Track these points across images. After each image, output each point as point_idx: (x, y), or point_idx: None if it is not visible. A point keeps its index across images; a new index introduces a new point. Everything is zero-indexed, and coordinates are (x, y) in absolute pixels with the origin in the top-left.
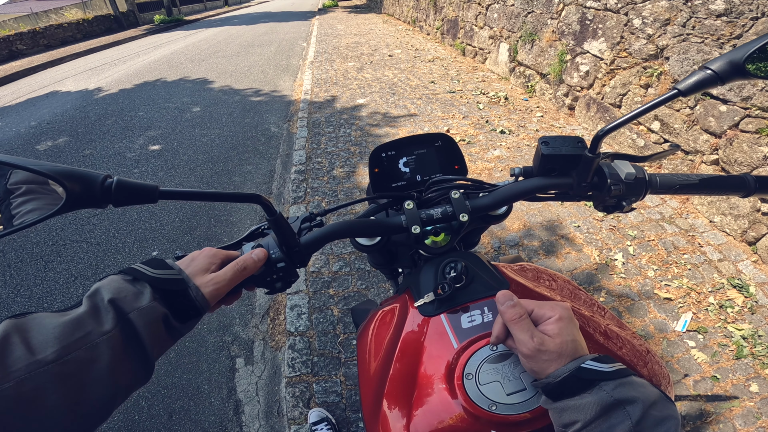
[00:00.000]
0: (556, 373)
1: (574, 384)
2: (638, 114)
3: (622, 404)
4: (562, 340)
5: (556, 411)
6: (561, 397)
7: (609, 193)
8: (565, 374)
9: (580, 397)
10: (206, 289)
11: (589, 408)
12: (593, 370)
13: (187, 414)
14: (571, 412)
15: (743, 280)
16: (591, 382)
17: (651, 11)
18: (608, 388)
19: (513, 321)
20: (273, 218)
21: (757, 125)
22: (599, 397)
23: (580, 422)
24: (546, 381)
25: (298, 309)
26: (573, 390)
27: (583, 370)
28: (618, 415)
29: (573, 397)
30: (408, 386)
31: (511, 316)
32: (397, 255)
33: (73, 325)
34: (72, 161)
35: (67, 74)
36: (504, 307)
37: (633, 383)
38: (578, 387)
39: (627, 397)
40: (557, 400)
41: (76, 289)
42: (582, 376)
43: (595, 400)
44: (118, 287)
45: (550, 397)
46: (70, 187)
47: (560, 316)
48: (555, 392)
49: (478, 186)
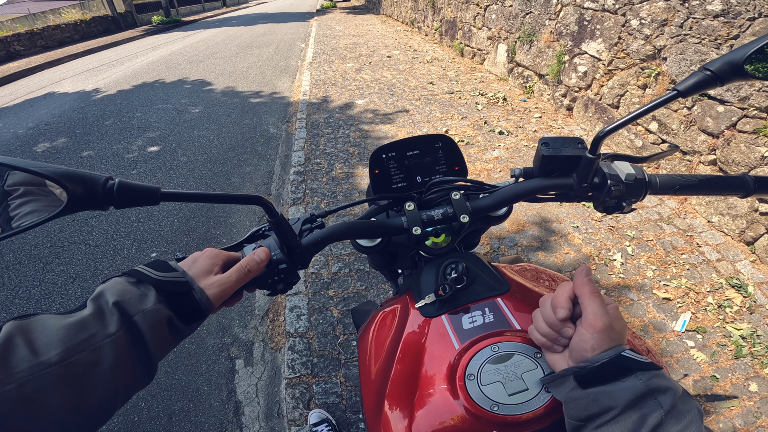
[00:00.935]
0: (595, 358)
1: (612, 370)
2: (638, 115)
3: (654, 394)
4: (622, 323)
5: (585, 400)
6: (593, 384)
7: (609, 194)
8: (605, 360)
9: (614, 384)
10: (211, 291)
11: (624, 394)
12: (633, 359)
13: (187, 415)
14: (605, 398)
15: (742, 280)
16: (628, 370)
17: (648, 12)
18: (644, 377)
19: (594, 294)
20: (275, 220)
21: (754, 125)
22: (634, 385)
23: (615, 409)
24: (583, 365)
25: (298, 310)
26: (610, 377)
27: (623, 357)
28: (651, 404)
29: (607, 384)
30: (409, 387)
31: (592, 290)
32: (397, 256)
33: (77, 328)
34: (70, 163)
35: (65, 75)
36: (585, 279)
37: (663, 376)
38: (615, 374)
39: (660, 386)
40: (587, 387)
41: (74, 290)
42: (622, 363)
43: (630, 387)
44: (123, 289)
45: (581, 384)
46: (72, 189)
47: (615, 304)
48: (588, 378)
49: (479, 187)
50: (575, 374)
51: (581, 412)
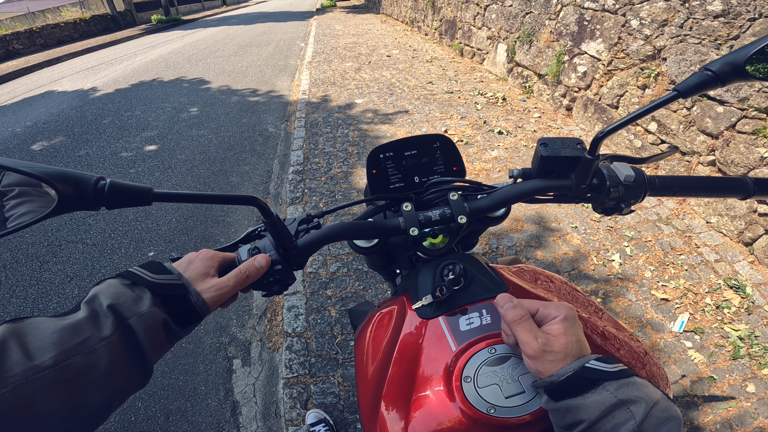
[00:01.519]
0: (560, 372)
1: (577, 383)
2: (638, 116)
3: (625, 404)
4: (567, 339)
5: (559, 411)
6: (563, 396)
7: (608, 195)
8: (569, 373)
9: (584, 396)
10: (207, 295)
11: (593, 408)
12: (597, 369)
13: (184, 415)
14: (575, 411)
15: (740, 281)
16: (594, 382)
17: (649, 12)
18: (612, 388)
19: (515, 322)
20: (270, 221)
21: (753, 126)
22: (603, 397)
23: (585, 422)
24: (549, 380)
25: (296, 310)
26: (576, 389)
27: (587, 369)
28: (622, 414)
29: (576, 397)
30: (406, 389)
31: (513, 318)
32: (394, 256)
33: (71, 331)
34: (68, 161)
35: (64, 74)
36: (504, 309)
37: (635, 383)
38: (582, 386)
39: (630, 397)
40: (559, 400)
41: (71, 289)
42: (586, 376)
43: (599, 400)
44: (117, 292)
45: (552, 396)
46: (62, 190)
47: (565, 315)
48: (557, 392)
49: (477, 187)
50: (545, 388)
51: (560, 422)
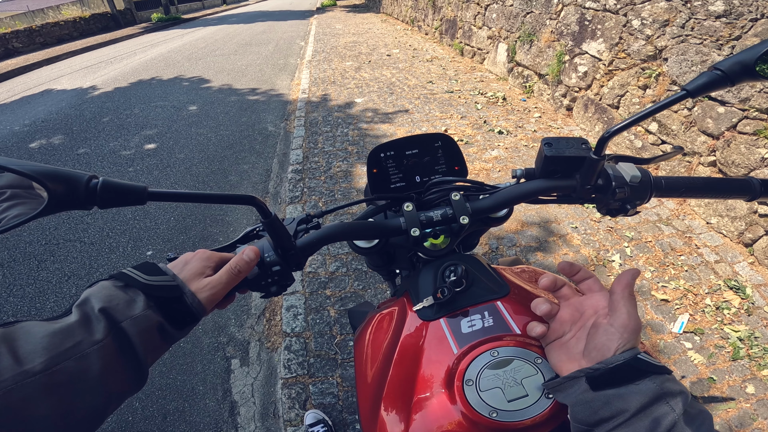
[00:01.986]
0: (610, 360)
1: (627, 373)
2: (645, 115)
3: (665, 398)
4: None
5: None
6: (606, 386)
7: (613, 196)
8: (620, 362)
9: (627, 387)
10: (202, 295)
11: (636, 398)
12: (648, 362)
13: (181, 415)
14: (617, 401)
15: (740, 282)
16: (643, 373)
17: (650, 12)
18: (657, 381)
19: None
20: (268, 221)
21: (755, 127)
22: (648, 388)
23: (627, 412)
24: (597, 367)
25: (295, 310)
26: (624, 379)
27: (639, 360)
28: (662, 408)
29: (620, 387)
30: (406, 391)
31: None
32: (395, 256)
33: (62, 335)
34: (66, 160)
35: (63, 72)
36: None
37: (675, 380)
38: (630, 376)
39: (672, 390)
40: (599, 390)
41: (69, 288)
42: (637, 366)
43: (644, 391)
44: (109, 295)
45: (593, 386)
46: (53, 188)
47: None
48: (601, 380)
49: (479, 188)
50: (587, 375)
51: (590, 416)
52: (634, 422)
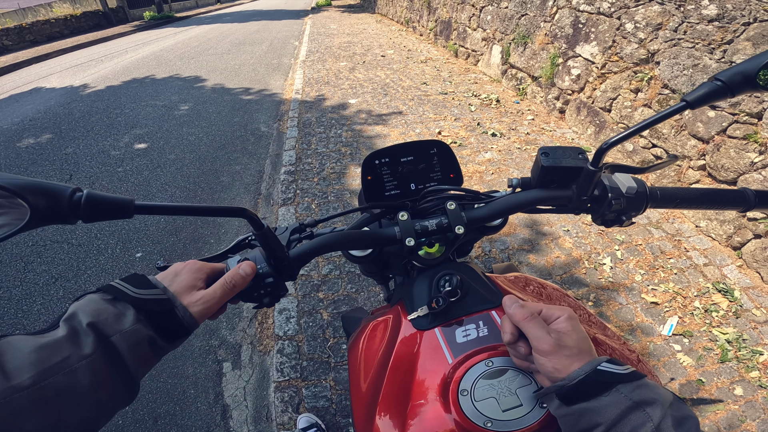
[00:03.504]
0: (572, 375)
1: (590, 386)
2: (644, 127)
3: (641, 406)
4: (578, 336)
5: (572, 416)
6: (576, 400)
7: (609, 207)
8: (581, 376)
9: (597, 399)
10: (194, 309)
11: (608, 411)
12: (609, 372)
13: (173, 419)
14: (590, 415)
15: (728, 285)
16: (608, 385)
17: (644, 15)
18: (626, 390)
19: (525, 320)
20: (260, 232)
21: (744, 131)
22: (617, 399)
23: (601, 426)
24: (561, 384)
25: (287, 313)
26: (589, 393)
27: (599, 372)
28: (638, 417)
29: (590, 401)
30: (402, 400)
31: (523, 316)
32: (389, 263)
33: (50, 350)
34: (54, 159)
35: (53, 70)
36: (513, 309)
37: (648, 385)
38: (595, 390)
39: (645, 398)
40: (571, 405)
41: (56, 290)
42: (598, 379)
43: (614, 403)
44: (98, 309)
45: (564, 401)
46: (34, 203)
47: (569, 315)
48: (570, 396)
49: (474, 196)
50: (556, 393)
51: (573, 427)
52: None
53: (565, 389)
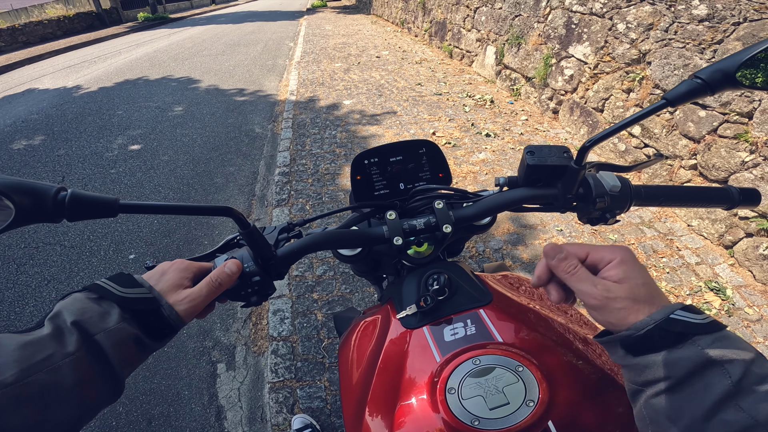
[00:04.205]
0: (639, 325)
1: (662, 337)
2: (625, 125)
3: (719, 363)
4: (631, 283)
5: (638, 367)
6: (643, 351)
7: (594, 206)
8: (650, 326)
9: (669, 352)
10: (180, 307)
11: (680, 365)
12: (684, 321)
13: (167, 420)
14: (657, 368)
15: (720, 283)
16: (682, 336)
17: (635, 16)
18: (703, 342)
19: (568, 274)
20: (246, 231)
21: (735, 131)
22: (693, 353)
23: (670, 379)
24: (627, 333)
25: (281, 313)
26: (660, 344)
27: (672, 321)
28: (715, 373)
29: (659, 352)
30: (390, 399)
31: (565, 269)
32: (380, 262)
33: (33, 348)
34: (46, 161)
35: (46, 72)
36: (555, 261)
37: (729, 337)
38: (667, 341)
39: (725, 354)
40: (638, 355)
41: (48, 293)
42: (671, 329)
43: (688, 356)
44: (82, 308)
45: (630, 351)
46: (18, 201)
47: (622, 258)
48: (636, 346)
49: (462, 196)
50: (621, 342)
51: (636, 377)
52: (682, 389)
53: (630, 339)
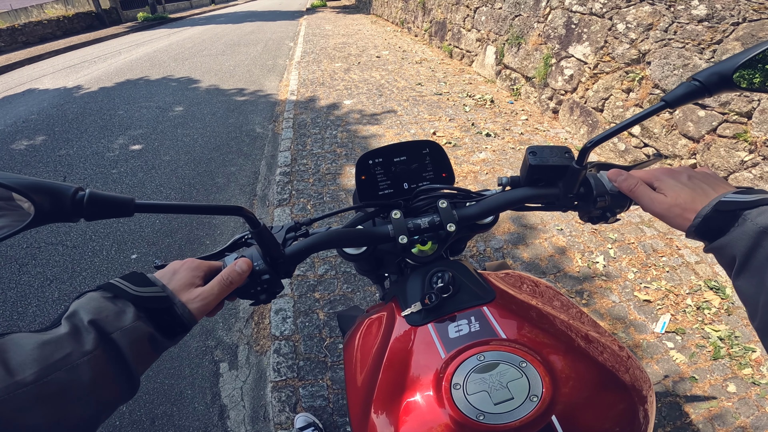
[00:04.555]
0: (700, 213)
1: (720, 220)
2: (625, 126)
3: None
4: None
5: (717, 251)
6: (713, 236)
7: (594, 205)
8: (707, 212)
9: (730, 233)
10: (193, 306)
11: (740, 241)
12: (731, 201)
13: (170, 419)
14: (726, 249)
15: (719, 282)
16: (733, 214)
17: (635, 16)
18: (752, 215)
19: (634, 189)
20: (257, 230)
21: (734, 130)
22: (746, 228)
23: (737, 257)
24: (693, 224)
25: (283, 313)
26: (722, 227)
27: (723, 203)
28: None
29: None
30: (396, 395)
31: (629, 186)
32: (383, 261)
33: (52, 346)
34: (47, 161)
35: (46, 72)
36: (619, 181)
37: None
38: (723, 223)
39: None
40: (712, 241)
41: (51, 292)
42: (722, 210)
43: (744, 232)
44: (98, 306)
45: (707, 239)
46: (38, 201)
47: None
48: (704, 232)
49: (466, 195)
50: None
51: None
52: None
53: (694, 228)
